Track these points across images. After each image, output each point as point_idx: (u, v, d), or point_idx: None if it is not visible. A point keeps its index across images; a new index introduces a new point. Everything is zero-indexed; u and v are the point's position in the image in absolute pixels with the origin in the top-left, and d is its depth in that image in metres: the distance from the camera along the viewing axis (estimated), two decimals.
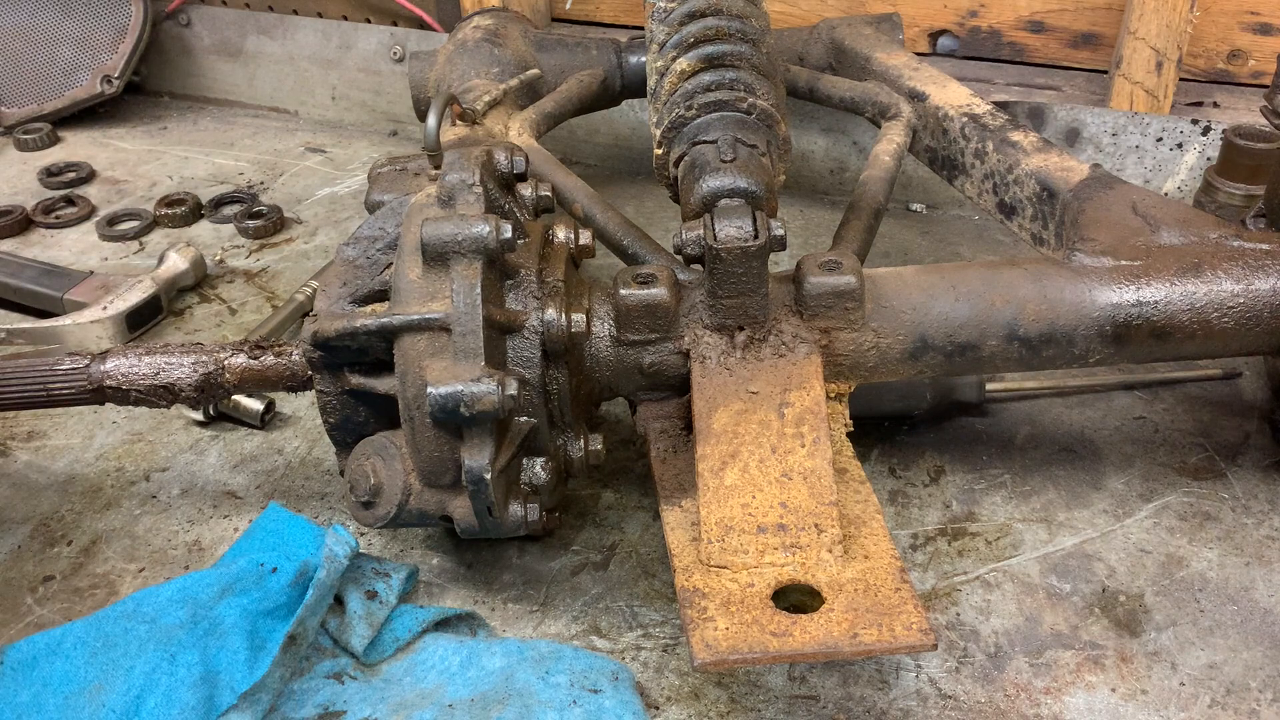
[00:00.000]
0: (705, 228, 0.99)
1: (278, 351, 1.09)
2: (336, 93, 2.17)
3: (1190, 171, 1.65)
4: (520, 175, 1.04)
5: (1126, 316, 1.04)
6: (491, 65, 1.54)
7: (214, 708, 0.91)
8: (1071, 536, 1.13)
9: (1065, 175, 1.23)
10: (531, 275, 0.99)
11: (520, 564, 1.12)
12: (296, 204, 1.85)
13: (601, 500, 1.20)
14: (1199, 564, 1.09)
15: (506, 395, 0.89)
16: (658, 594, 1.08)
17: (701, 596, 0.86)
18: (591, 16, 2.06)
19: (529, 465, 1.01)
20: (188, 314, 1.56)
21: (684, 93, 1.14)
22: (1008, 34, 1.84)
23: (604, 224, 1.24)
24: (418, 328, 0.92)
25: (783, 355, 1.01)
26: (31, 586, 1.10)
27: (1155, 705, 0.95)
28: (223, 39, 2.23)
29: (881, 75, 1.54)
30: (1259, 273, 1.04)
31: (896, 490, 1.20)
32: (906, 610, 0.83)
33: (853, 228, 1.22)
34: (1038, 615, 1.04)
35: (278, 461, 1.27)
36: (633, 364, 1.04)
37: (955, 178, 1.43)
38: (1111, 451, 1.24)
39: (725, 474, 0.94)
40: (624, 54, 1.66)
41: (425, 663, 0.99)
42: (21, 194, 1.91)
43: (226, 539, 1.16)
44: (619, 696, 0.93)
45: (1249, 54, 1.74)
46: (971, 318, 1.05)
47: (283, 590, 0.99)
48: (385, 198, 1.08)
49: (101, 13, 2.13)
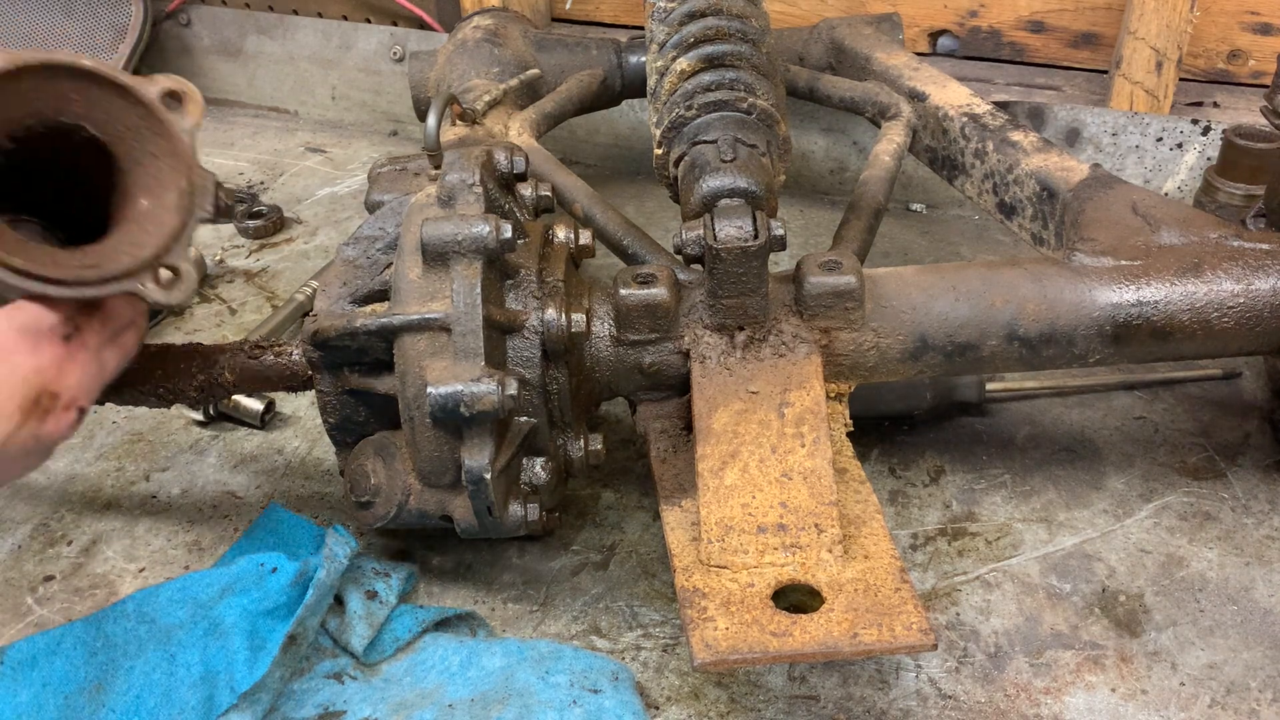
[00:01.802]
0: (705, 228, 0.99)
1: (278, 351, 1.09)
2: (336, 93, 2.17)
3: (1190, 171, 1.65)
4: (520, 175, 1.04)
5: (1126, 316, 1.04)
6: (491, 65, 1.54)
7: (214, 708, 0.91)
8: (1071, 536, 1.13)
9: (1065, 175, 1.23)
10: (531, 275, 0.99)
11: (520, 564, 1.12)
12: (296, 204, 1.85)
13: (601, 500, 1.20)
14: (1199, 564, 1.09)
15: (506, 395, 0.89)
16: (658, 594, 1.08)
17: (701, 596, 0.86)
18: (591, 16, 2.06)
19: (529, 465, 1.01)
20: (188, 314, 1.56)
21: (684, 93, 1.14)
22: (1008, 34, 1.84)
23: (604, 224, 1.24)
24: (418, 328, 0.92)
25: (783, 355, 1.01)
26: (31, 586, 1.10)
27: (1155, 705, 0.95)
28: (223, 39, 2.23)
29: (881, 75, 1.54)
30: (1259, 273, 1.04)
31: (896, 490, 1.20)
32: (906, 610, 0.83)
33: (853, 228, 1.22)
34: (1038, 615, 1.04)
35: (278, 461, 1.27)
36: (633, 364, 1.04)
37: (955, 178, 1.43)
38: (1111, 451, 1.24)
39: (725, 474, 0.94)
40: (624, 54, 1.66)
41: (425, 663, 0.99)
42: None
43: (226, 539, 1.16)
44: (619, 696, 0.93)
45: (1249, 54, 1.74)
46: (971, 318, 1.05)
47: (283, 590, 0.99)
48: (385, 198, 1.08)
49: (101, 13, 2.13)
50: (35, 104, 0.81)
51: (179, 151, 0.86)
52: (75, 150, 0.85)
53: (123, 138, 0.85)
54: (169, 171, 0.86)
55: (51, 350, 0.82)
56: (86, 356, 0.85)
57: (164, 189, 0.86)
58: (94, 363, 0.86)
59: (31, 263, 0.78)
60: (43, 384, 0.81)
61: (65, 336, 0.83)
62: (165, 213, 0.86)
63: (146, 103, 0.84)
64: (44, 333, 0.82)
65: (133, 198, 0.86)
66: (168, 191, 0.86)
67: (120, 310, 0.87)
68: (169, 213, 0.86)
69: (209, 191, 0.88)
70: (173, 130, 0.86)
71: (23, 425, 0.80)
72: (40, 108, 0.82)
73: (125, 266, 0.83)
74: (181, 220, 0.86)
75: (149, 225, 0.85)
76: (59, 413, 0.83)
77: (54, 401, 0.82)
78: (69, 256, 0.81)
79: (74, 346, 0.84)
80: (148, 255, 0.84)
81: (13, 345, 0.80)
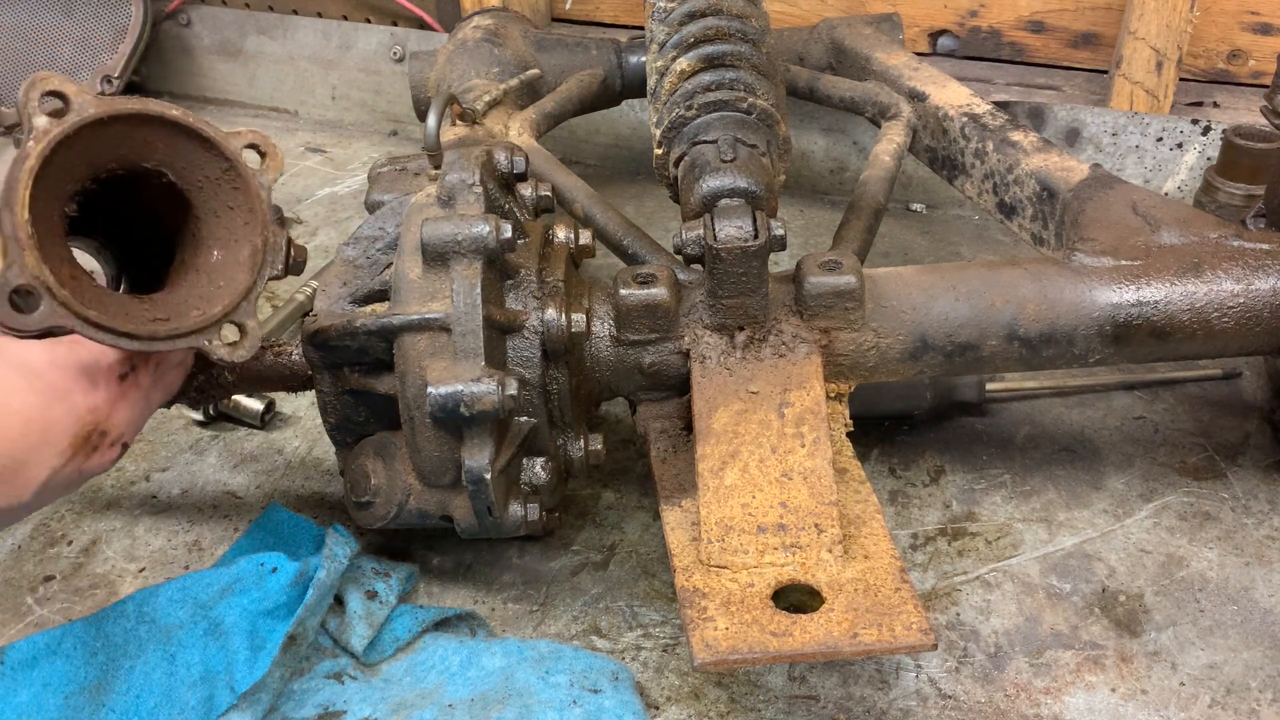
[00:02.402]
0: (705, 228, 0.99)
1: (278, 351, 1.09)
2: (336, 93, 2.17)
3: (1190, 171, 1.65)
4: (520, 175, 1.04)
5: (1126, 316, 1.04)
6: (491, 65, 1.54)
7: (214, 708, 0.91)
8: (1071, 536, 1.13)
9: (1065, 175, 1.23)
10: (531, 275, 0.99)
11: (520, 564, 1.12)
12: (296, 204, 1.85)
13: (601, 500, 1.20)
14: (1199, 564, 1.09)
15: (506, 395, 0.89)
16: (658, 594, 1.08)
17: (701, 596, 0.86)
18: (591, 16, 2.06)
19: (529, 465, 1.01)
20: None
21: (684, 93, 1.14)
22: (1008, 34, 1.84)
23: (604, 224, 1.24)
24: (418, 327, 0.92)
25: (783, 355, 1.01)
26: (31, 586, 1.10)
27: (1155, 705, 0.95)
28: (223, 39, 2.23)
29: (881, 75, 1.54)
30: (1259, 273, 1.04)
31: (896, 490, 1.20)
32: (906, 610, 0.83)
33: (853, 228, 1.22)
34: (1038, 615, 1.04)
35: (278, 461, 1.27)
36: (633, 364, 1.04)
37: (955, 178, 1.43)
38: (1111, 451, 1.24)
39: (725, 474, 0.94)
40: (624, 54, 1.65)
41: (425, 663, 0.99)
42: None
43: (226, 539, 1.16)
44: (619, 696, 0.93)
45: (1249, 54, 1.74)
46: (971, 318, 1.05)
47: (283, 590, 0.99)
48: (385, 198, 1.08)
49: (101, 13, 2.13)
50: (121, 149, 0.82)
51: (255, 207, 0.87)
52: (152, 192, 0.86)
53: (201, 187, 0.86)
54: (243, 226, 0.87)
55: (107, 390, 0.84)
56: (137, 395, 0.87)
57: (237, 243, 0.87)
58: (143, 401, 0.89)
59: (106, 315, 0.79)
60: (95, 422, 0.83)
61: (121, 376, 0.85)
62: (237, 267, 0.87)
63: (229, 155, 0.85)
64: (102, 371, 0.83)
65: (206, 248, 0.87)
66: (241, 246, 0.87)
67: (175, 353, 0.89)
68: (240, 268, 0.86)
69: (281, 250, 0.89)
70: (251, 185, 0.86)
71: (70, 460, 0.82)
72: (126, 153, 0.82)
73: (195, 324, 0.84)
74: (252, 277, 0.87)
75: (219, 279, 0.86)
76: (105, 449, 0.85)
77: (102, 439, 0.84)
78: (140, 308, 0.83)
79: (128, 386, 0.86)
80: (217, 313, 0.85)
81: (72, 384, 0.81)
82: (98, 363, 0.83)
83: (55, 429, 0.80)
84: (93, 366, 0.83)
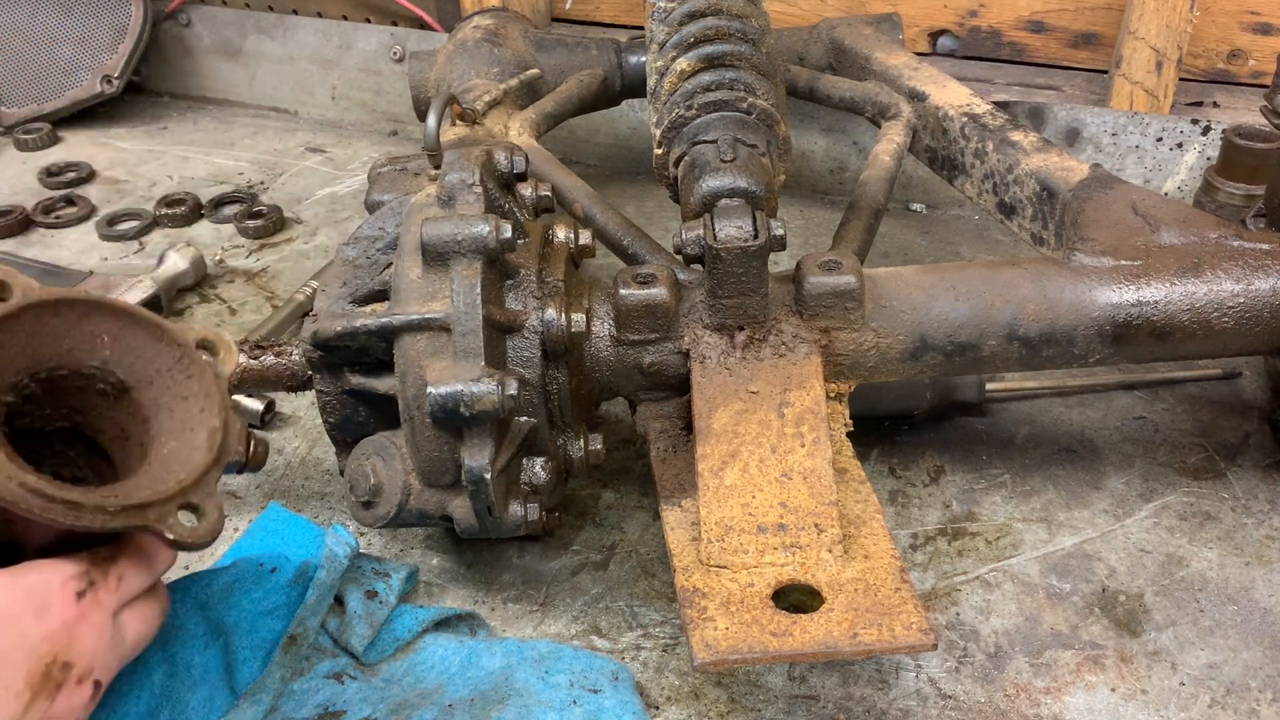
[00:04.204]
0: (705, 228, 0.99)
1: (278, 351, 1.09)
2: (336, 93, 2.17)
3: (1190, 171, 1.65)
4: (520, 175, 1.04)
5: (1126, 316, 1.04)
6: (491, 65, 1.54)
7: (214, 708, 0.91)
8: (1071, 536, 1.13)
9: (1065, 175, 1.23)
10: (531, 275, 0.99)
11: (520, 564, 1.12)
12: (296, 204, 1.85)
13: (601, 500, 1.20)
14: (1199, 564, 1.09)
15: (506, 395, 0.89)
16: (658, 594, 1.08)
17: (701, 596, 0.86)
18: (591, 16, 2.06)
19: (529, 465, 1.01)
20: (188, 314, 1.56)
21: (684, 93, 1.14)
22: (1008, 34, 1.84)
23: (604, 224, 1.24)
24: (418, 327, 0.92)
25: (783, 355, 1.01)
26: None
27: (1155, 705, 0.95)
28: (223, 39, 2.23)
29: (881, 75, 1.54)
30: (1259, 273, 1.04)
31: (896, 490, 1.20)
32: (906, 610, 0.83)
33: (853, 228, 1.22)
34: (1038, 615, 1.04)
35: (278, 461, 1.27)
36: (633, 364, 1.04)
37: (955, 178, 1.43)
38: (1111, 451, 1.24)
39: (725, 474, 0.94)
40: (624, 54, 1.66)
41: (425, 663, 0.99)
42: (21, 194, 1.91)
43: (226, 539, 1.15)
44: (619, 696, 0.93)
45: (1249, 54, 1.74)
46: (971, 318, 1.05)
47: (283, 590, 0.99)
48: (385, 198, 1.08)
49: (101, 13, 2.13)
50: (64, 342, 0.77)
51: (212, 394, 0.83)
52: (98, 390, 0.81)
53: (152, 381, 0.82)
54: (199, 414, 0.83)
55: (62, 611, 0.72)
56: (101, 618, 0.75)
57: (193, 431, 0.83)
58: (109, 626, 0.76)
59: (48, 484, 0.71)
60: (54, 652, 0.71)
61: (78, 594, 0.73)
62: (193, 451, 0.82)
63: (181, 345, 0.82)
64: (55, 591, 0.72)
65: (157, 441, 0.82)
66: (197, 433, 0.82)
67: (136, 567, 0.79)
68: (197, 451, 0.82)
69: (240, 436, 0.85)
70: (207, 375, 0.83)
71: (32, 704, 0.69)
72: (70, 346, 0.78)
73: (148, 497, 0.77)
74: (210, 456, 0.82)
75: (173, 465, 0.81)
76: (72, 686, 0.72)
77: (66, 673, 0.72)
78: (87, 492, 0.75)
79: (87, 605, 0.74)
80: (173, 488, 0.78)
81: (19, 609, 0.69)
82: (48, 583, 0.72)
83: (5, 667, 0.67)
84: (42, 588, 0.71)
